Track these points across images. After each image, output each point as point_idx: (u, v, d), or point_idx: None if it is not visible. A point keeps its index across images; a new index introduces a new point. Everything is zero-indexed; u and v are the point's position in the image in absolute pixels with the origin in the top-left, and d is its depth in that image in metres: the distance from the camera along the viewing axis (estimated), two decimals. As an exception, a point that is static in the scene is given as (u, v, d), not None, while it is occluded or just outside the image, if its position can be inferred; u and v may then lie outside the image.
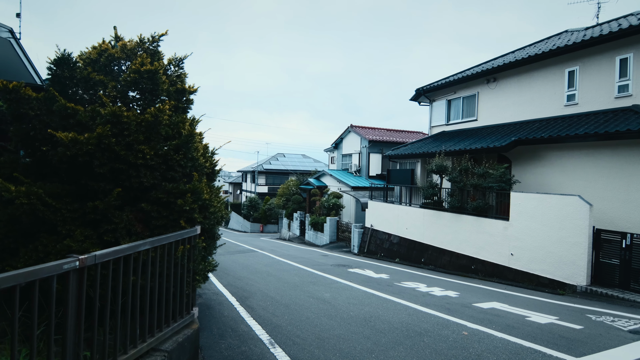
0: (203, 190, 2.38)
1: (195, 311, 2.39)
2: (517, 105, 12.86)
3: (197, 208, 2.38)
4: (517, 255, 9.89)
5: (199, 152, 2.49)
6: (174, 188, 2.30)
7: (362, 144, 25.52)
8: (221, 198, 2.95)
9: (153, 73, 2.27)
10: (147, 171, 2.26)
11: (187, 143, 2.32)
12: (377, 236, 16.55)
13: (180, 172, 2.40)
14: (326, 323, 6.10)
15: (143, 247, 1.78)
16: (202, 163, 2.56)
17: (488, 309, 6.81)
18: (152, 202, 2.30)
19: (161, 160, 2.31)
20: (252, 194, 43.23)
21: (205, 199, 2.45)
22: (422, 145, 16.00)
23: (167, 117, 2.29)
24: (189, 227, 2.30)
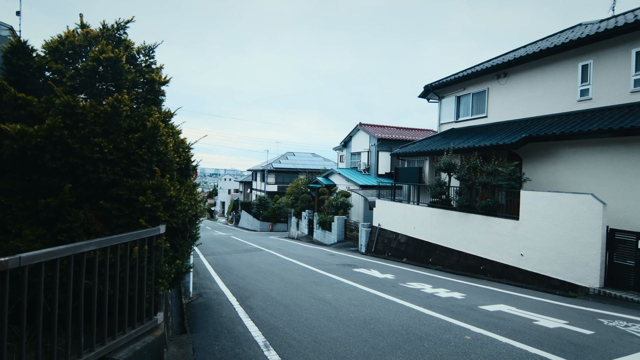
0: (168, 186, 2.23)
1: (160, 316, 2.24)
2: (528, 101, 12.46)
3: (161, 206, 2.24)
4: (527, 255, 9.56)
5: (167, 146, 2.35)
6: (136, 184, 2.16)
7: (371, 142, 25.24)
8: (197, 195, 2.80)
9: (114, 61, 2.13)
10: (106, 166, 2.13)
11: (151, 136, 2.18)
12: (384, 235, 16.30)
13: (145, 168, 2.26)
14: (325, 325, 5.93)
15: (86, 248, 1.64)
16: (171, 158, 2.41)
17: (494, 312, 6.55)
18: (113, 200, 2.17)
19: (122, 154, 2.17)
20: (261, 192, 43.30)
21: (172, 196, 2.30)
22: (430, 142, 15.69)
23: (129, 108, 2.16)
24: (150, 226, 2.16)
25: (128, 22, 2.45)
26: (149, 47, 2.53)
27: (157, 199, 2.21)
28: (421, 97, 17.64)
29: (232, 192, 69.71)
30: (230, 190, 70.78)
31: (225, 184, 74.58)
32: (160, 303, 2.31)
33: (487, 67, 13.74)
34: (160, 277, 2.13)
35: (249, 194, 52.80)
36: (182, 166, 2.62)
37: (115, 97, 2.05)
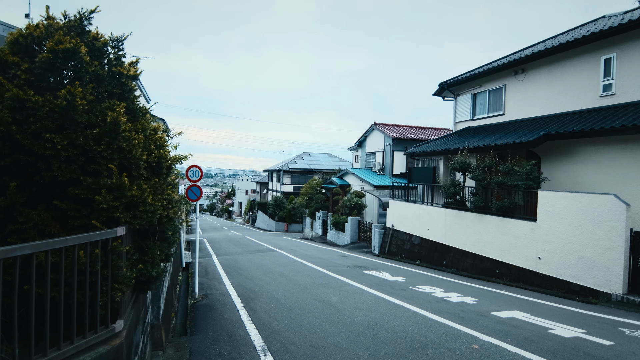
0: (128, 185, 2.10)
1: (119, 324, 2.10)
2: (547, 97, 11.94)
3: (121, 206, 2.11)
4: (545, 259, 9.11)
5: (131, 143, 2.22)
6: (94, 183, 2.04)
7: (386, 142, 24.87)
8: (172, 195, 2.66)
9: (72, 52, 2.01)
10: (60, 164, 2.01)
11: (112, 132, 2.05)
12: (398, 237, 15.96)
13: (105, 166, 2.14)
14: (326, 329, 5.74)
15: (19, 252, 1.52)
16: (137, 155, 2.28)
17: (506, 319, 6.22)
18: (70, 200, 2.05)
19: (79, 151, 2.05)
20: (277, 193, 43.37)
21: (134, 196, 2.17)
22: (444, 141, 15.26)
23: (86, 102, 2.04)
24: (106, 228, 2.03)
25: (92, 12, 2.33)
26: (116, 39, 2.42)
27: (116, 198, 2.09)
28: (436, 95, 17.20)
29: (249, 192, 70.18)
30: (248, 191, 71.27)
31: (243, 185, 75.16)
32: (122, 310, 2.17)
33: (504, 63, 13.25)
34: (118, 282, 2.01)
35: (265, 194, 53.04)
36: (153, 164, 2.49)
37: (67, 89, 1.94)
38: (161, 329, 5.13)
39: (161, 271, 2.56)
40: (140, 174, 2.36)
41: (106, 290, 1.95)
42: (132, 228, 2.26)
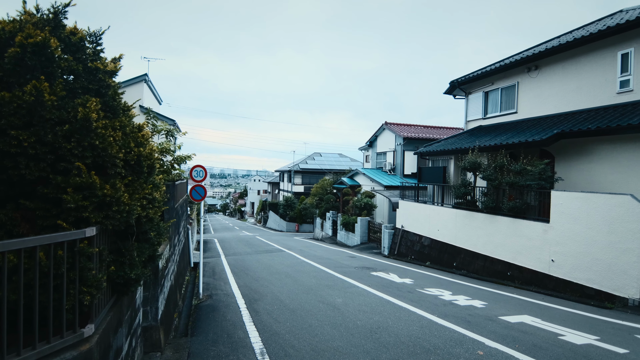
0: (98, 184, 2.02)
1: (89, 329, 2.02)
2: (561, 95, 11.56)
3: (90, 206, 2.03)
4: (559, 261, 8.80)
5: (105, 140, 2.14)
6: (64, 182, 1.97)
7: (397, 142, 24.58)
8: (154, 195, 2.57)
9: (41, 47, 1.94)
10: (28, 162, 1.95)
11: (83, 129, 1.98)
12: (407, 238, 15.71)
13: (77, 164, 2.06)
14: (328, 333, 5.62)
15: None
16: (113, 153, 2.20)
17: (515, 324, 5.99)
18: (39, 199, 1.99)
19: (47, 149, 1.98)
20: (288, 193, 43.39)
21: (106, 195, 2.09)
22: (455, 141, 14.96)
23: (56, 98, 1.96)
24: (73, 228, 1.96)
25: (67, 5, 2.26)
26: (94, 34, 2.35)
27: (85, 198, 2.01)
28: (447, 94, 16.88)
29: (261, 192, 70.44)
30: (260, 191, 71.55)
31: (255, 185, 75.50)
32: (94, 313, 2.09)
33: (516, 59, 12.90)
34: (87, 285, 1.93)
35: (277, 194, 53.14)
36: (132, 163, 2.41)
37: (33, 84, 1.87)
38: (159, 330, 5.08)
39: (141, 274, 2.48)
40: (117, 172, 2.29)
41: (74, 293, 1.88)
42: (106, 229, 2.19)
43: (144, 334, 4.97)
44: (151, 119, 7.57)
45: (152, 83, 21.12)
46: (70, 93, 2.23)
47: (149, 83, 20.48)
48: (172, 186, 7.17)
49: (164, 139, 7.92)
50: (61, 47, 2.18)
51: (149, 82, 20.44)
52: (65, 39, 2.23)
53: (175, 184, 7.47)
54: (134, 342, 3.19)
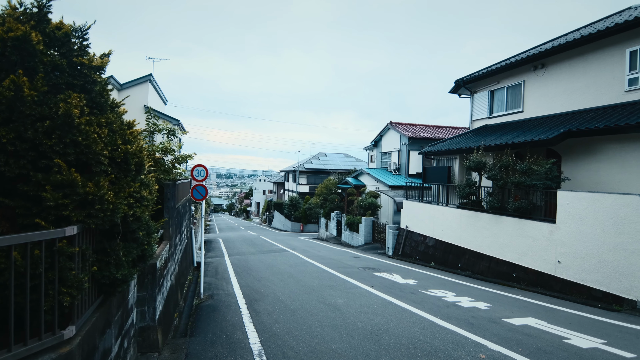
0: (80, 182, 1.96)
1: (70, 330, 1.97)
2: (568, 93, 11.37)
3: (71, 204, 1.98)
4: (565, 263, 8.64)
5: (89, 137, 2.08)
6: (44, 179, 1.92)
7: (402, 142, 24.43)
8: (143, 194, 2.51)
9: (21, 41, 1.90)
10: (7, 158, 1.90)
11: (64, 125, 1.92)
12: (412, 238, 15.58)
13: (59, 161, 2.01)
14: (327, 334, 5.54)
15: None
16: (97, 150, 2.15)
17: (519, 326, 5.87)
18: (21, 197, 1.94)
19: (28, 145, 1.93)
20: (293, 193, 43.36)
21: (88, 193, 2.03)
22: (460, 140, 14.80)
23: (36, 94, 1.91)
24: (53, 227, 1.91)
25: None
26: (79, 29, 2.30)
27: (66, 196, 1.96)
28: (452, 93, 16.71)
29: (266, 192, 70.51)
30: (265, 191, 71.63)
31: (260, 185, 75.61)
32: (75, 315, 2.04)
33: (522, 58, 12.72)
34: (67, 286, 1.87)
35: (282, 194, 53.14)
36: (119, 160, 2.36)
37: (11, 79, 1.83)
38: (157, 331, 5.04)
39: (129, 274, 2.43)
40: (102, 170, 2.23)
41: (53, 294, 1.82)
42: (89, 228, 2.13)
43: (142, 334, 4.94)
44: (152, 118, 7.55)
45: (156, 83, 21.20)
46: (54, 89, 2.18)
47: (154, 83, 20.57)
48: (173, 185, 7.14)
49: (165, 138, 7.90)
50: (45, 41, 2.13)
51: (154, 82, 20.52)
52: (50, 34, 2.18)
53: (176, 183, 7.44)
54: (126, 343, 3.14)
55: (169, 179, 7.31)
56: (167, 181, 7.16)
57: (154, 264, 4.98)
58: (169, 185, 6.57)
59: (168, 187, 6.56)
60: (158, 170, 7.33)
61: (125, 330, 3.11)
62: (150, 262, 5.00)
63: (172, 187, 6.96)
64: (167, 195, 6.56)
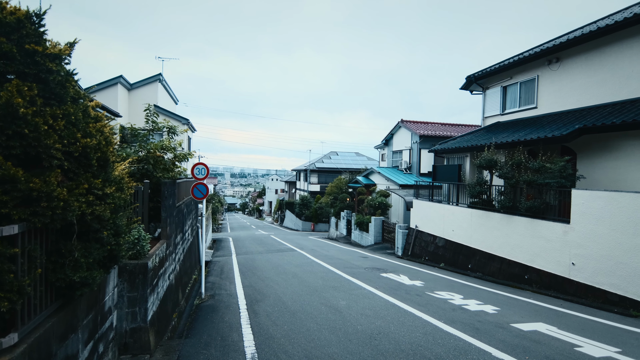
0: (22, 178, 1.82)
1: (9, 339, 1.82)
2: (584, 88, 10.89)
3: (12, 201, 1.83)
4: (580, 265, 8.24)
5: (38, 129, 1.94)
6: None
7: (413, 140, 24.02)
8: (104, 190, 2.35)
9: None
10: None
11: (7, 115, 1.78)
12: (421, 238, 15.24)
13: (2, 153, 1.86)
14: (325, 338, 5.35)
15: None
16: (49, 144, 2.01)
17: (528, 332, 5.57)
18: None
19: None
20: (304, 192, 43.25)
21: (33, 190, 1.89)
22: (471, 138, 14.39)
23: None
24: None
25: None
26: (33, 15, 2.15)
27: (6, 192, 1.82)
28: (463, 89, 16.29)
29: (278, 191, 70.65)
30: (277, 190, 71.79)
31: (272, 184, 75.81)
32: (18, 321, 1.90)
33: (536, 52, 12.26)
34: (4, 290, 1.73)
35: (294, 193, 53.10)
36: (76, 154, 2.21)
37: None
38: (149, 332, 4.93)
39: (89, 276, 2.28)
40: (55, 165, 2.09)
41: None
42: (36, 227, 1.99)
43: (133, 336, 4.83)
44: (151, 115, 7.47)
45: (166, 82, 21.30)
46: (1, 77, 2.05)
47: (164, 82, 20.67)
48: (172, 184, 7.05)
49: (166, 136, 7.82)
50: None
51: (164, 82, 20.62)
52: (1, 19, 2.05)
53: (176, 182, 7.34)
54: (102, 347, 3.02)
55: (168, 177, 7.22)
56: (166, 179, 7.07)
57: (144, 264, 4.87)
58: (166, 184, 6.47)
59: (165, 186, 6.46)
60: (158, 169, 7.26)
61: (101, 334, 2.99)
62: (141, 261, 4.90)
63: (171, 185, 6.86)
64: (165, 194, 6.47)
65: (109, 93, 17.23)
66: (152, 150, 7.02)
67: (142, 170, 7.08)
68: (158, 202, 6.81)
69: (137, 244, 4.97)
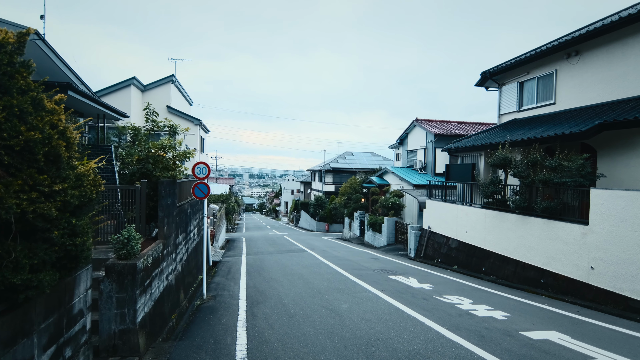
0: None
1: None
2: (605, 82, 10.30)
3: None
4: (599, 269, 7.75)
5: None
6: None
7: (428, 139, 23.50)
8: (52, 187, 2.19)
9: None
10: None
11: None
12: (434, 239, 14.81)
13: None
14: (320, 343, 5.14)
15: None
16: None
17: (538, 341, 5.20)
18: None
19: None
20: (319, 192, 43.07)
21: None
22: (486, 136, 13.89)
23: None
24: None
25: None
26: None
27: None
28: (478, 86, 15.75)
29: (294, 192, 70.70)
30: (293, 191, 71.85)
31: (289, 185, 75.94)
32: None
33: (554, 45, 11.69)
34: None
35: (309, 194, 52.99)
36: (17, 149, 2.06)
37: None
38: (138, 334, 4.82)
39: (33, 279, 2.14)
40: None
41: None
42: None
43: (122, 337, 4.73)
44: (151, 114, 7.41)
45: (179, 84, 21.49)
46: None
47: (176, 84, 20.85)
48: (172, 183, 6.97)
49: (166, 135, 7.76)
50: None
51: (176, 83, 20.81)
52: None
53: (176, 181, 7.26)
54: (70, 351, 2.89)
55: (168, 176, 7.15)
56: (164, 178, 6.99)
57: (133, 265, 4.77)
58: (163, 183, 6.38)
59: (162, 185, 6.37)
60: (157, 168, 7.20)
61: (68, 338, 2.86)
62: (130, 262, 4.80)
63: (170, 184, 6.78)
64: (162, 193, 6.37)
65: (122, 94, 17.48)
66: (152, 149, 6.96)
67: (142, 169, 7.03)
68: (155, 201, 6.74)
69: (127, 244, 4.87)
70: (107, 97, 17.32)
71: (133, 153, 7.40)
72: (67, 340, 2.85)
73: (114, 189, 6.94)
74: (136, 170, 7.13)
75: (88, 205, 2.67)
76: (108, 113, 9.75)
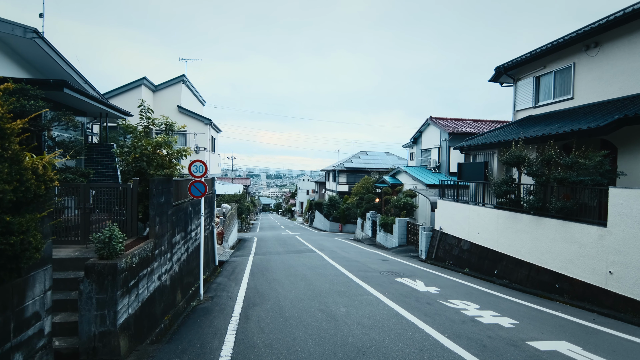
0: None
1: None
2: (627, 74, 9.66)
3: None
4: (618, 274, 7.21)
5: None
6: None
7: (442, 137, 22.90)
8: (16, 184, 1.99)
9: None
10: None
11: None
12: (446, 241, 14.32)
13: None
14: (309, 350, 4.87)
15: None
16: None
17: (545, 352, 4.79)
18: None
19: None
20: (333, 192, 42.75)
21: None
22: (500, 133, 13.33)
23: None
24: None
25: None
26: None
27: None
28: (492, 81, 15.17)
29: (309, 192, 70.58)
30: (309, 191, 71.75)
31: (304, 185, 75.89)
32: None
33: (572, 37, 11.06)
34: None
35: (323, 194, 52.73)
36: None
37: None
38: (119, 337, 4.66)
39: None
40: None
41: None
42: None
43: (102, 340, 4.58)
44: (145, 112, 7.30)
45: (190, 83, 21.57)
46: None
47: (187, 83, 20.93)
48: (166, 182, 6.82)
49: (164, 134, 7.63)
50: None
51: (187, 83, 20.89)
52: None
53: (172, 179, 7.12)
54: (21, 357, 2.72)
55: (163, 174, 7.00)
56: (159, 176, 6.85)
57: (113, 265, 4.61)
58: (154, 181, 6.24)
59: (154, 183, 6.23)
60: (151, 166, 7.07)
61: (18, 343, 2.69)
62: (110, 262, 4.64)
63: (163, 183, 6.63)
64: (154, 191, 6.22)
65: (133, 94, 17.62)
66: (146, 146, 6.84)
67: (136, 167, 6.91)
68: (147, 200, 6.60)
69: (108, 243, 4.72)
70: (118, 97, 17.50)
71: (131, 151, 7.30)
72: (16, 345, 2.68)
73: (111, 187, 6.85)
74: (131, 169, 7.02)
75: (34, 202, 2.49)
76: (111, 112, 9.74)
